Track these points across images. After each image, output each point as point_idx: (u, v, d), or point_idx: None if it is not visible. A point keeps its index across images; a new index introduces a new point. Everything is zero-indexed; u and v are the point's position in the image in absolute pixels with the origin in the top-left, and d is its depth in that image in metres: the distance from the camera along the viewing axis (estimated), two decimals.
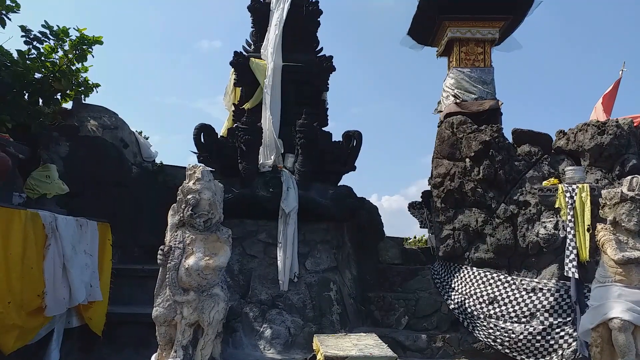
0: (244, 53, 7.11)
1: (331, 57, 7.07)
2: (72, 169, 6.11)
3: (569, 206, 5.53)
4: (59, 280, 4.32)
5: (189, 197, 3.85)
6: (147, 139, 7.88)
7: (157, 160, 7.80)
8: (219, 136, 6.61)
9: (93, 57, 6.28)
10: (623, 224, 4.49)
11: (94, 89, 6.61)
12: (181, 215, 3.87)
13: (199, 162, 6.25)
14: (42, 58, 5.97)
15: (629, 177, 4.66)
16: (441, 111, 8.05)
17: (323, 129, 6.90)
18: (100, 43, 6.24)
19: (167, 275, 3.74)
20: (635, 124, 6.46)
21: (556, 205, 5.68)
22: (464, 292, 6.08)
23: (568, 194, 5.57)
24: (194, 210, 3.81)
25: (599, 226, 4.69)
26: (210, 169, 6.40)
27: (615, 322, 4.20)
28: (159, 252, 3.81)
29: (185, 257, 3.79)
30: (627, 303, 4.18)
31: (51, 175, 5.09)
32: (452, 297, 6.20)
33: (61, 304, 4.37)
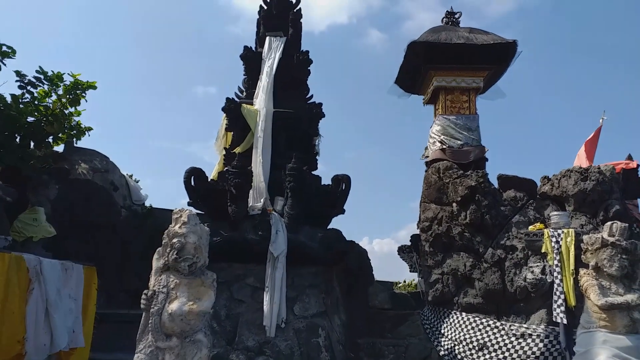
0: (236, 99, 7.28)
1: (320, 104, 7.26)
2: (61, 212, 6.10)
3: (555, 251, 5.58)
4: (40, 325, 4.24)
5: (174, 240, 3.84)
6: (137, 182, 7.93)
7: (147, 204, 7.81)
8: (209, 180, 6.66)
9: (86, 101, 6.41)
10: (605, 269, 4.53)
11: (86, 132, 6.70)
12: (166, 259, 3.85)
13: (188, 205, 6.27)
14: (36, 102, 6.08)
15: (609, 223, 4.75)
16: (428, 157, 8.22)
17: (313, 172, 6.99)
18: (94, 88, 6.38)
19: (150, 321, 3.68)
20: (617, 171, 6.63)
21: (543, 250, 5.72)
22: (453, 338, 6.02)
23: (554, 239, 5.63)
24: (179, 254, 3.79)
25: (582, 271, 4.73)
26: (199, 212, 6.46)
27: None
28: (143, 296, 3.76)
29: (169, 301, 3.74)
30: (613, 349, 4.16)
31: (38, 218, 5.08)
32: (442, 343, 6.12)
33: (42, 351, 4.26)
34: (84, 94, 6.40)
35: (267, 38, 7.40)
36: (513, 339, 5.62)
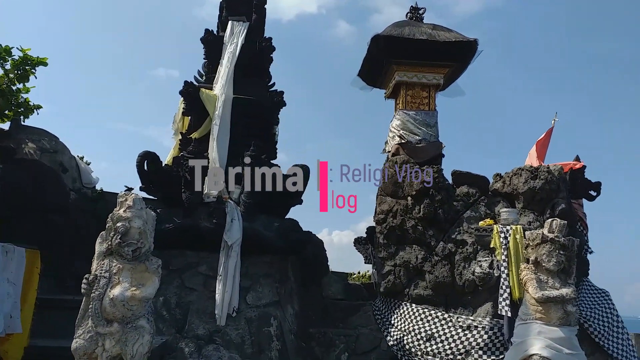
0: (195, 83, 7.12)
1: (282, 92, 7.20)
2: (5, 192, 5.82)
3: (503, 246, 5.77)
4: None
5: (118, 224, 3.75)
6: (88, 164, 7.66)
7: (99, 187, 7.57)
8: (163, 164, 6.51)
9: (36, 78, 6.15)
10: (544, 264, 4.74)
11: (34, 110, 6.43)
12: (109, 243, 3.76)
13: (141, 190, 6.12)
14: None
15: (550, 220, 4.96)
16: (389, 151, 8.30)
17: (272, 161, 6.94)
18: (45, 64, 6.12)
19: (91, 305, 3.60)
20: (564, 171, 6.90)
21: (491, 245, 5.91)
22: (402, 329, 6.15)
23: (503, 235, 5.81)
24: (123, 238, 3.71)
25: (522, 266, 4.93)
26: (152, 197, 6.32)
27: (534, 358, 4.39)
28: (84, 280, 3.68)
29: (111, 286, 3.67)
30: (546, 340, 4.38)
31: None
32: (392, 334, 6.24)
33: None
34: (33, 70, 6.14)
35: (230, 22, 7.26)
36: (459, 330, 5.79)
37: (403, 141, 7.88)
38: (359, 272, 8.92)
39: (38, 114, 6.44)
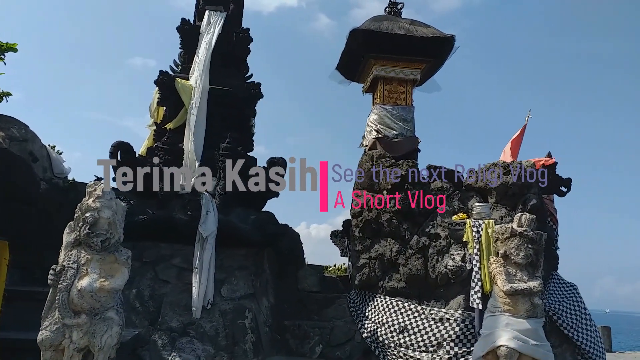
0: (171, 73, 7.03)
1: (259, 84, 7.16)
2: None
3: (475, 240, 5.87)
4: None
5: (86, 215, 3.69)
6: (60, 154, 7.48)
7: (70, 177, 7.41)
8: (137, 155, 6.41)
9: (5, 64, 5.97)
10: (512, 258, 4.85)
11: (3, 97, 6.24)
12: (77, 233, 3.70)
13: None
14: None
15: (519, 214, 5.07)
16: (366, 145, 8.34)
17: (248, 153, 6.90)
18: (14, 50, 5.95)
19: (57, 297, 3.54)
20: (536, 167, 7.03)
21: (464, 239, 6.01)
22: (376, 321, 6.22)
23: (475, 229, 5.92)
24: (92, 229, 3.66)
25: (492, 259, 5.04)
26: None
27: (502, 349, 4.51)
28: (50, 271, 3.61)
29: (79, 277, 3.61)
30: (514, 332, 4.49)
31: None
32: (366, 326, 6.31)
33: None
34: (2, 56, 5.95)
35: (207, 12, 7.19)
36: (432, 322, 5.89)
37: (380, 136, 7.93)
38: (334, 265, 8.96)
39: (7, 101, 6.26)
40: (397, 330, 5.97)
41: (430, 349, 5.74)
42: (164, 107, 6.99)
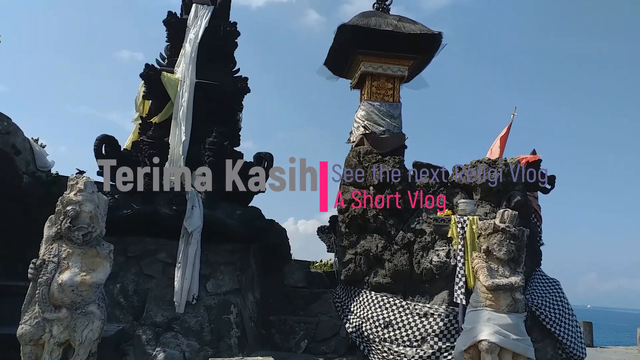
0: (157, 66, 6.95)
1: (246, 79, 7.12)
2: None
3: (460, 236, 5.92)
4: None
5: (68, 208, 3.65)
6: (43, 147, 7.37)
7: (54, 171, 7.31)
8: (122, 149, 6.35)
9: None
10: (495, 253, 4.90)
11: None
12: (58, 227, 3.66)
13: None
14: None
15: (502, 210, 5.12)
16: (354, 141, 8.34)
17: (235, 148, 6.87)
18: None
19: (38, 291, 3.50)
20: (521, 164, 7.10)
21: (449, 235, 6.05)
22: (361, 316, 6.25)
23: (460, 225, 5.96)
24: (73, 222, 3.62)
25: (474, 254, 5.08)
26: (110, 182, 6.14)
27: (483, 344, 4.56)
28: (31, 265, 3.57)
29: (60, 271, 3.57)
30: (495, 326, 4.55)
31: None
32: (351, 321, 6.33)
33: None
34: None
35: (194, 5, 7.12)
36: (416, 317, 5.93)
37: (367, 132, 7.93)
38: (321, 261, 8.98)
39: None
40: (382, 325, 6.01)
41: (415, 343, 5.79)
42: (150, 101, 6.91)
